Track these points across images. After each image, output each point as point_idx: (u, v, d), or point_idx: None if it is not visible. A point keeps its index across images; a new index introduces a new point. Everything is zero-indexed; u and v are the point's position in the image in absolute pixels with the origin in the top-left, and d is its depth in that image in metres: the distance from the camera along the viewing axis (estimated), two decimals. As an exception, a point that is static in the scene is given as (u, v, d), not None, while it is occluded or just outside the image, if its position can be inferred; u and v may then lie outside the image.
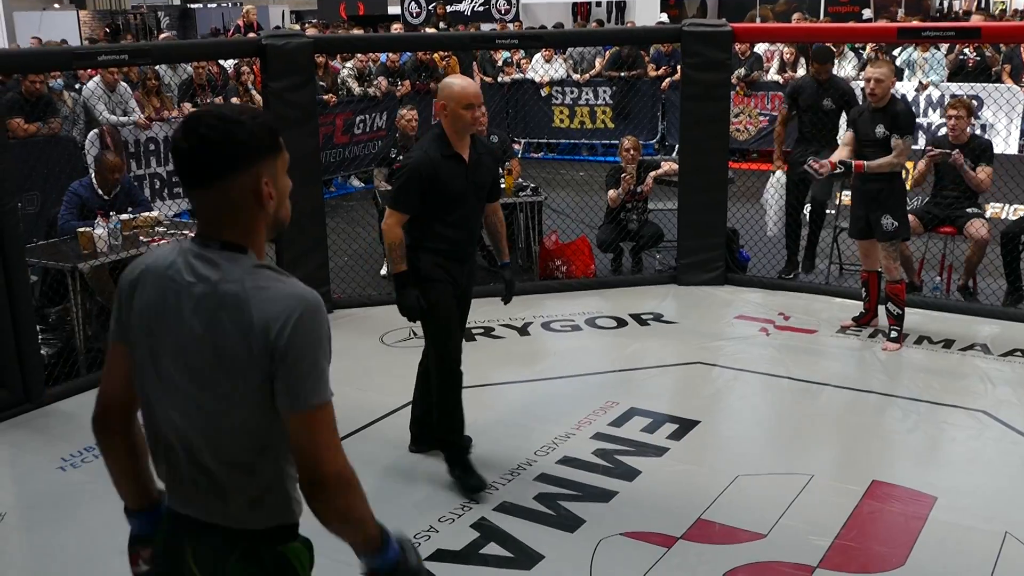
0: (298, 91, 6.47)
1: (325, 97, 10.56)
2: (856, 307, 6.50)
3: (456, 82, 4.18)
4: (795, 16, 13.76)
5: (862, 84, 6.03)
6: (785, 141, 7.58)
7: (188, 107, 9.47)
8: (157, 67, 9.49)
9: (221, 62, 10.15)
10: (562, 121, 13.24)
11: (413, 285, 4.15)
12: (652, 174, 7.71)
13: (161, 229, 6.32)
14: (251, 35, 12.33)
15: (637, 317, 6.66)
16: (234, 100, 9.89)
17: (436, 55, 12.28)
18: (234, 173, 1.72)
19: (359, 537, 1.78)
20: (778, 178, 7.37)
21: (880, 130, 5.74)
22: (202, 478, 1.78)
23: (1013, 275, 6.74)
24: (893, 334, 6.00)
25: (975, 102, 8.98)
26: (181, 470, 1.81)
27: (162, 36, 15.16)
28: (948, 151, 6.74)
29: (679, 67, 8.09)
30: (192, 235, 1.81)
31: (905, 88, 11.12)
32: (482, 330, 6.42)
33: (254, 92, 9.81)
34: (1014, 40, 10.44)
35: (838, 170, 5.82)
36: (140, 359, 1.81)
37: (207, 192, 1.73)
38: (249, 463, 1.76)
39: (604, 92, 13.00)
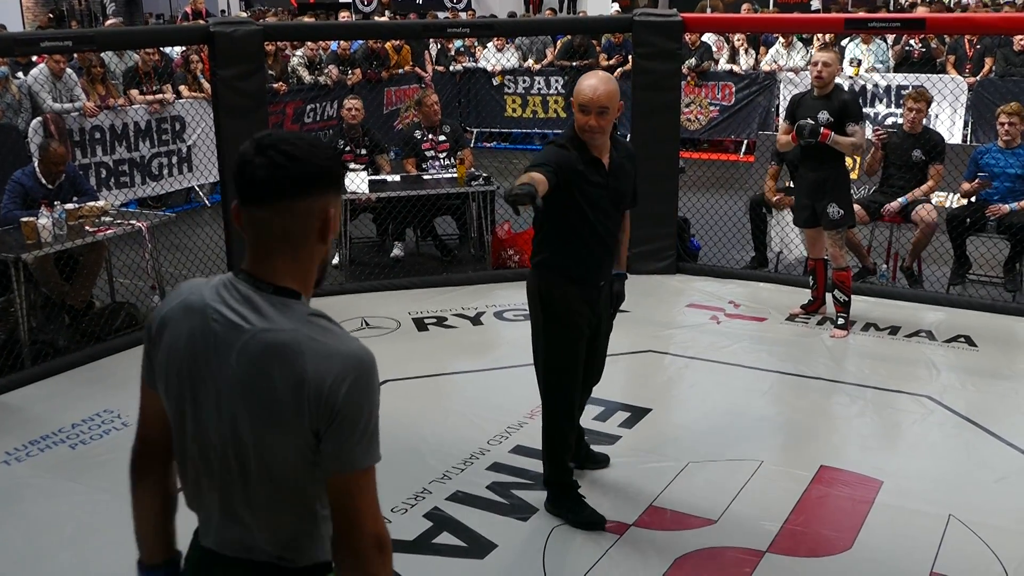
0: (247, 79, 6.38)
1: (275, 85, 10.44)
2: (805, 295, 6.58)
3: (583, 81, 3.68)
4: (744, 6, 13.85)
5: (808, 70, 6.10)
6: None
7: (135, 94, 9.30)
8: (103, 54, 9.31)
9: (164, 49, 9.98)
10: (514, 111, 13.22)
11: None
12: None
13: (107, 219, 6.20)
14: (199, 22, 12.17)
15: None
16: (182, 88, 9.74)
17: (388, 44, 12.20)
18: (306, 195, 1.64)
19: None
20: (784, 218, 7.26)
21: (824, 116, 5.78)
22: (239, 517, 1.74)
23: (960, 253, 6.90)
24: (840, 321, 6.08)
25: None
26: (217, 509, 1.76)
27: (108, 23, 14.87)
28: (893, 128, 6.83)
29: (630, 57, 8.12)
30: (239, 269, 1.72)
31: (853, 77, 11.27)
32: (435, 320, 6.41)
33: (203, 80, 9.66)
34: (958, 31, 10.63)
35: (806, 140, 5.78)
36: (175, 399, 1.74)
37: (271, 211, 1.64)
38: (286, 505, 1.71)
39: (556, 82, 13.00)
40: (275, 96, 10.26)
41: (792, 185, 7.19)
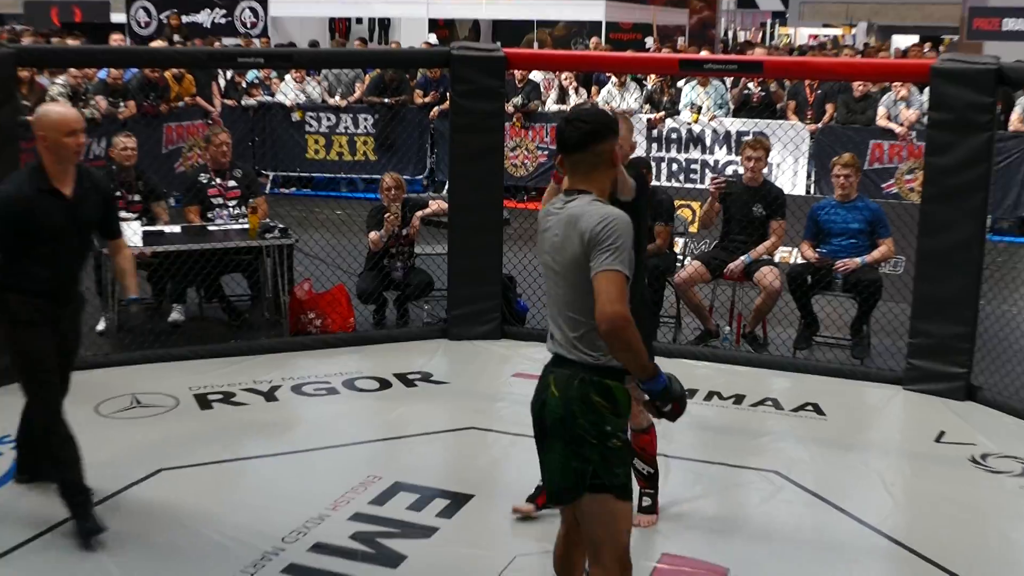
0: (-8, 111, 6.08)
1: (29, 118, 10.00)
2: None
3: (54, 108, 4.61)
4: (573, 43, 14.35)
5: (644, 115, 6.31)
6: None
7: None
8: None
9: None
10: (317, 152, 13.17)
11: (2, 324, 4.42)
12: (419, 214, 7.75)
13: None
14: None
15: (403, 377, 6.64)
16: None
17: (168, 73, 11.93)
18: (600, 141, 3.22)
19: (637, 365, 3.14)
20: None
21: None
22: (558, 329, 3.30)
23: (806, 315, 7.24)
24: (647, 502, 4.74)
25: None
26: (552, 325, 3.34)
27: None
28: (733, 178, 7.13)
29: (448, 94, 8.21)
30: (564, 189, 3.33)
31: (685, 119, 11.79)
32: (220, 396, 6.22)
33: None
34: (798, 75, 11.30)
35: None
36: (542, 261, 3.39)
37: (582, 153, 3.23)
38: (579, 318, 3.22)
39: (365, 120, 13.04)
40: (29, 130, 9.82)
41: None
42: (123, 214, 7.37)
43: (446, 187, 11.22)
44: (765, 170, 7.40)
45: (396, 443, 5.72)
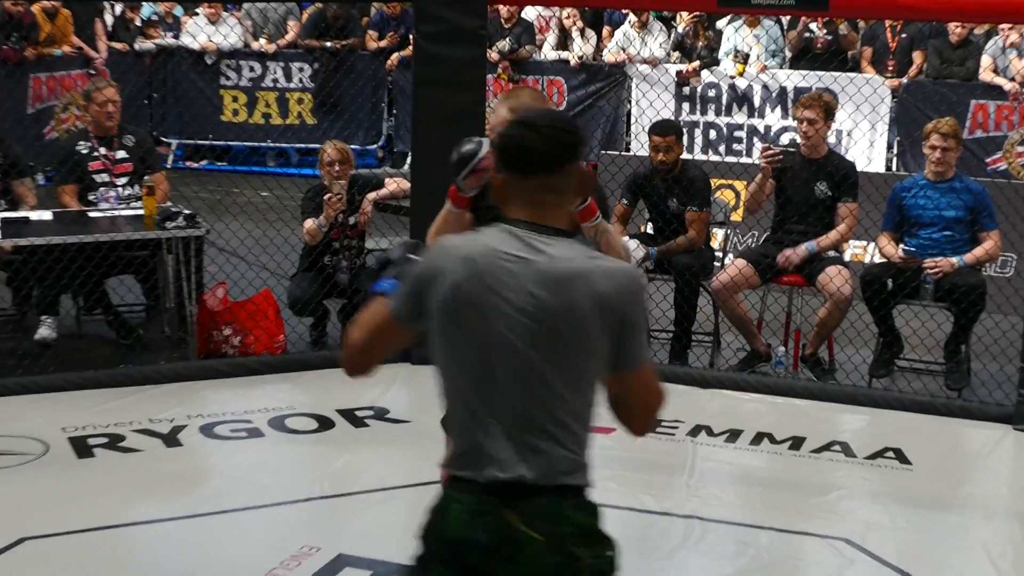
0: None
1: None
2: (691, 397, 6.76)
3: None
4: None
5: (672, 67, 6.35)
6: None
7: None
8: None
9: None
10: (236, 113, 13.17)
11: None
12: (370, 196, 7.75)
13: None
14: None
15: (349, 414, 6.65)
16: None
17: (36, 7, 11.89)
18: (576, 159, 2.92)
19: None
20: None
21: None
22: (519, 443, 2.84)
23: (886, 331, 7.26)
24: None
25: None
26: (502, 438, 2.85)
27: None
28: (792, 148, 7.16)
29: (411, 36, 8.22)
30: (510, 221, 2.89)
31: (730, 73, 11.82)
32: (104, 439, 6.23)
33: None
34: (875, 15, 11.27)
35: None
36: (455, 337, 2.87)
37: (552, 175, 2.88)
38: (575, 425, 2.92)
39: (300, 71, 13.03)
40: None
41: (652, 229, 7.43)
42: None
43: (407, 161, 11.24)
44: (832, 138, 7.42)
45: (340, 502, 5.70)
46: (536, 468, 2.83)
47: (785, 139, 11.11)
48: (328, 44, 12.91)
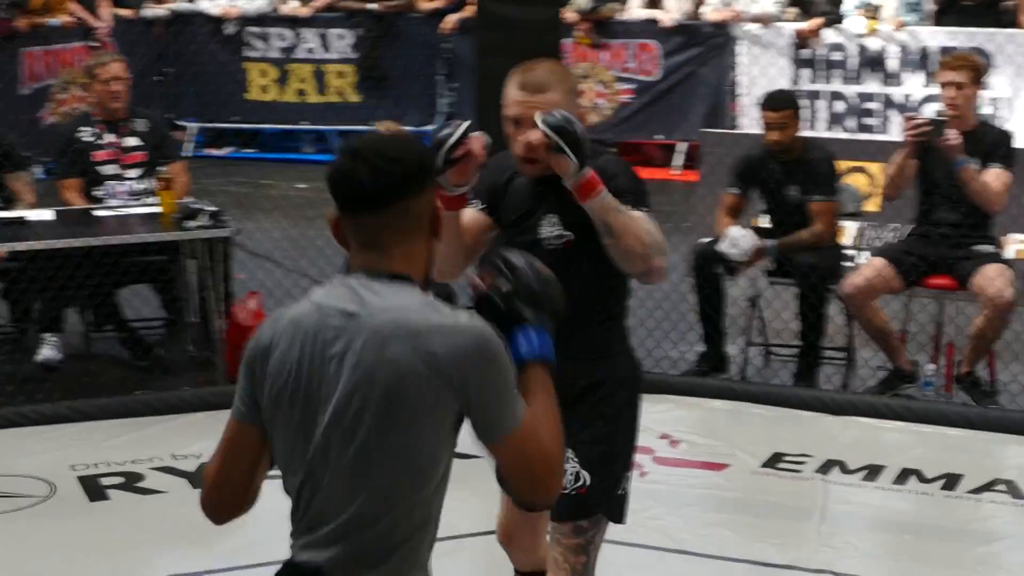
0: None
1: None
2: (802, 421, 6.67)
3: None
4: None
5: (787, 25, 6.26)
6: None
7: None
8: None
9: None
10: (265, 90, 13.24)
11: None
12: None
13: None
14: None
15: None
16: None
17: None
18: (419, 193, 2.83)
19: None
20: None
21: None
22: (319, 524, 2.84)
23: None
24: None
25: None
26: (308, 516, 2.89)
27: None
28: (943, 119, 7.06)
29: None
30: (347, 269, 2.90)
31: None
32: (120, 479, 6.29)
33: None
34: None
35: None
36: (282, 417, 2.82)
37: (385, 215, 2.81)
38: (380, 513, 2.80)
39: (341, 39, 13.08)
40: None
41: (770, 223, 7.34)
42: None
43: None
44: (987, 109, 7.29)
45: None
46: (337, 556, 2.80)
47: (930, 110, 10.96)
48: (373, 5, 12.95)
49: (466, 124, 4.04)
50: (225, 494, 3.02)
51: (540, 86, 4.00)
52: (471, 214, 4.21)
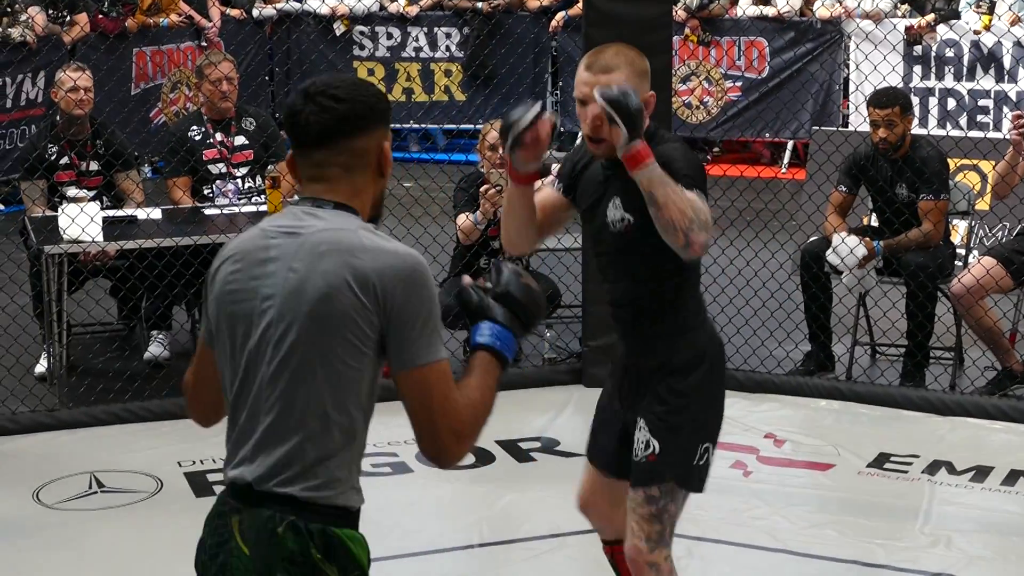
0: None
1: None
2: (911, 422, 6.69)
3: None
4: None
5: (900, 21, 6.24)
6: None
7: None
8: None
9: None
10: (373, 89, 13.29)
11: None
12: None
13: None
14: None
15: (512, 446, 6.70)
16: None
17: (139, -31, 12.17)
18: (364, 132, 3.02)
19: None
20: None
21: None
22: (250, 441, 2.96)
23: None
24: None
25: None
26: (237, 432, 3.01)
27: None
28: None
29: (581, -7, 8.23)
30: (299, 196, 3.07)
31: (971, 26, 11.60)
32: (227, 476, 6.32)
33: None
34: None
35: None
36: (222, 335, 3.01)
37: (330, 151, 3.01)
38: (307, 428, 2.94)
39: (448, 37, 13.14)
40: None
41: (878, 222, 7.35)
42: (72, 191, 7.52)
43: (577, 142, 11.24)
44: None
45: (501, 552, 5.76)
46: (258, 470, 2.95)
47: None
48: (480, 3, 13.01)
49: (537, 106, 4.15)
50: (200, 406, 3.25)
51: (606, 67, 4.07)
52: (549, 193, 4.43)
